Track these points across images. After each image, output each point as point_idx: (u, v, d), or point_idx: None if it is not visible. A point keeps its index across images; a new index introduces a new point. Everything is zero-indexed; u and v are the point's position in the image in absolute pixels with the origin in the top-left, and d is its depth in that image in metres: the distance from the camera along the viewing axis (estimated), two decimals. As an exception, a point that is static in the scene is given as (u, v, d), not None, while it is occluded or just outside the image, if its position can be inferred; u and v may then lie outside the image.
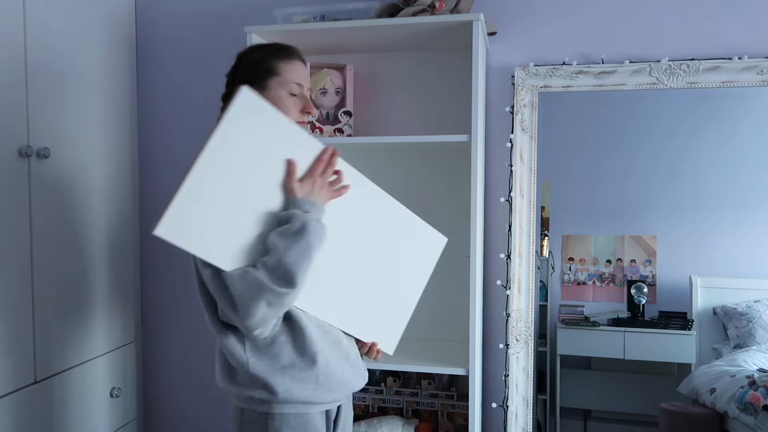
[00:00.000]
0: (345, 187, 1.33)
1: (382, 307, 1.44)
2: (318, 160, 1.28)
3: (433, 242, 1.50)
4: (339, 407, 1.41)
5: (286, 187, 1.25)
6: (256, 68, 1.36)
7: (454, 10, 1.81)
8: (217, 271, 1.21)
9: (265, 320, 1.19)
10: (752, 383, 1.80)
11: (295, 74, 1.35)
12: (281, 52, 1.37)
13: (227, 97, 1.37)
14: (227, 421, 2.37)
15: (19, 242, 1.74)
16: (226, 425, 2.32)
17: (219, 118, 1.18)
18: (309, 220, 1.20)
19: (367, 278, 1.40)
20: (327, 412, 1.37)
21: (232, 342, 1.27)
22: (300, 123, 1.34)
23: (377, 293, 1.42)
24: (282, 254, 1.17)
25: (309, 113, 1.36)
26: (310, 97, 1.41)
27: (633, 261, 2.00)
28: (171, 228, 1.13)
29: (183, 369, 2.35)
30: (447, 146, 1.88)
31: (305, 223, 1.19)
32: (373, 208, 1.39)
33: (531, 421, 1.97)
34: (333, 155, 1.31)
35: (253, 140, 1.20)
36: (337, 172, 1.32)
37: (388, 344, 1.48)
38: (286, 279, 1.17)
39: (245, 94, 1.18)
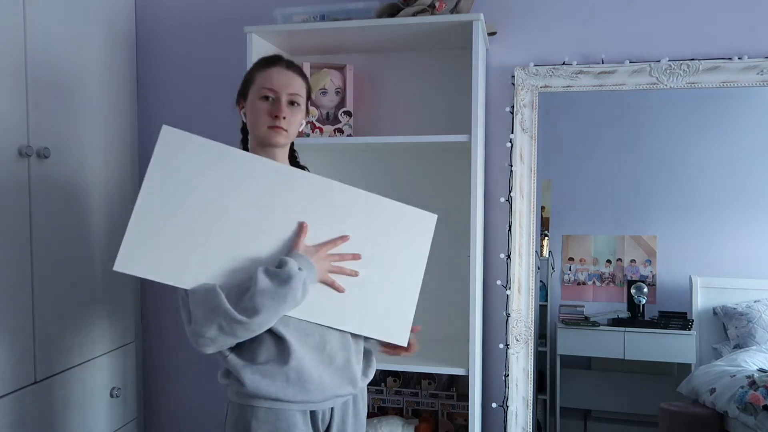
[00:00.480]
0: (337, 275, 1.38)
1: (383, 301, 1.43)
2: (330, 241, 1.37)
3: (422, 223, 1.48)
4: (333, 411, 1.41)
5: (294, 241, 1.33)
6: (242, 82, 1.47)
7: (454, 10, 1.81)
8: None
9: (214, 341, 1.26)
10: (752, 383, 1.80)
11: (266, 80, 1.40)
12: (261, 62, 1.45)
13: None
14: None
15: (19, 242, 1.74)
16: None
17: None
18: (298, 277, 1.27)
19: (363, 276, 1.40)
20: (313, 413, 1.37)
21: None
22: (274, 128, 1.38)
23: (371, 288, 1.41)
24: (257, 290, 1.24)
25: (276, 117, 1.38)
26: (294, 102, 1.42)
27: (633, 261, 2.00)
28: (127, 262, 1.25)
29: (183, 369, 2.35)
30: (447, 146, 1.88)
31: (293, 279, 1.26)
32: (346, 209, 1.39)
33: (531, 421, 1.97)
34: (343, 241, 1.38)
35: (191, 169, 1.29)
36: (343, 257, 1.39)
37: (399, 335, 1.46)
38: (248, 311, 1.23)
39: (164, 131, 1.28)
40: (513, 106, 1.98)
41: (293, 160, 1.54)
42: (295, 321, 1.34)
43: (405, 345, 1.47)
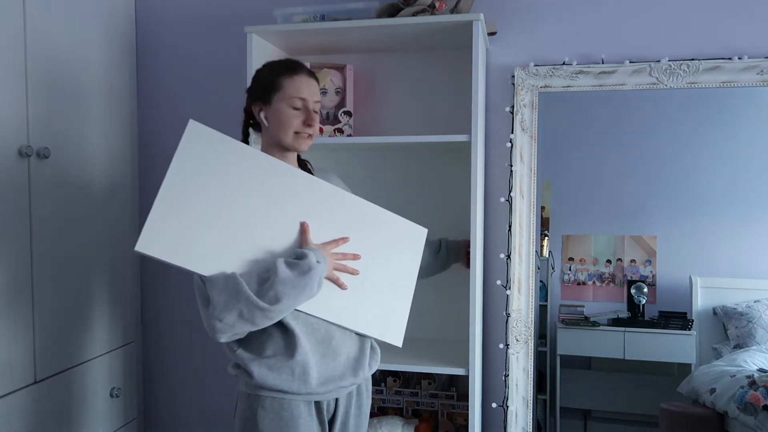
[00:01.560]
0: (340, 273, 1.43)
1: (379, 302, 1.51)
2: (333, 241, 1.43)
3: (414, 235, 1.60)
4: (337, 401, 1.47)
5: (303, 238, 1.39)
6: (263, 85, 1.47)
7: (454, 10, 1.81)
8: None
9: (231, 328, 1.29)
10: (752, 383, 1.80)
11: (295, 89, 1.43)
12: (285, 68, 1.46)
13: (244, 115, 1.52)
14: (227, 420, 2.37)
15: (19, 242, 1.74)
16: (225, 425, 2.32)
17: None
18: (317, 269, 1.32)
19: (360, 278, 1.47)
20: (318, 404, 1.42)
21: None
22: (302, 135, 1.46)
23: (368, 289, 1.49)
24: (278, 279, 1.28)
25: (309, 125, 1.44)
26: (316, 110, 1.48)
27: (633, 261, 2.00)
28: (149, 244, 1.27)
29: (183, 369, 2.35)
30: (447, 146, 1.88)
31: (312, 270, 1.31)
32: (348, 215, 1.48)
33: (531, 421, 1.97)
34: (344, 242, 1.45)
35: (213, 162, 1.35)
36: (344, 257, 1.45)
37: (395, 337, 1.54)
38: (269, 298, 1.27)
39: (190, 126, 1.35)
40: (513, 106, 1.98)
41: (298, 157, 1.59)
42: (303, 315, 1.39)
43: (400, 346, 1.53)
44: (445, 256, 1.85)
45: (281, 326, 1.38)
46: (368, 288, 1.48)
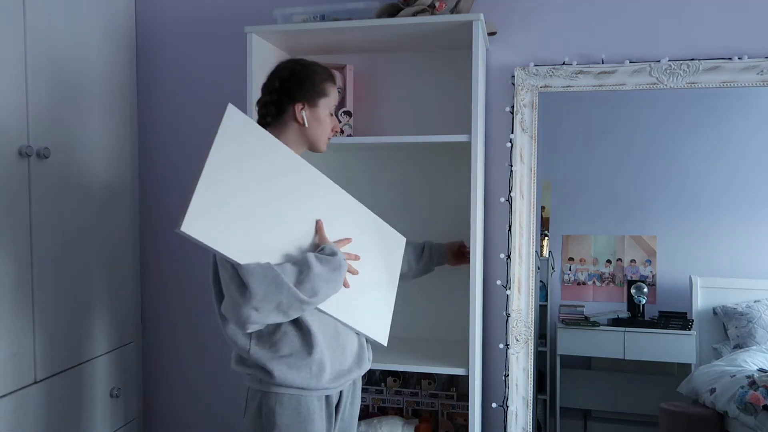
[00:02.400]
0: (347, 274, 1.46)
1: (370, 302, 1.55)
2: (340, 241, 1.47)
3: (395, 241, 1.66)
4: (341, 393, 1.52)
5: (321, 236, 1.43)
6: (310, 88, 1.49)
7: (454, 10, 1.81)
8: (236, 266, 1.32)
9: (265, 318, 1.30)
10: (752, 383, 1.80)
11: (334, 98, 1.55)
12: (329, 75, 1.53)
13: (266, 105, 1.50)
14: (227, 420, 2.38)
15: (19, 242, 1.74)
16: (226, 424, 2.32)
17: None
18: (345, 266, 1.39)
19: (357, 278, 1.50)
20: (328, 397, 1.47)
21: (234, 329, 1.39)
22: (328, 138, 1.55)
23: (365, 291, 1.53)
24: (313, 274, 1.31)
25: (336, 132, 1.58)
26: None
27: (633, 261, 2.00)
28: (193, 226, 1.22)
29: (183, 369, 2.35)
30: (447, 146, 1.88)
31: (342, 267, 1.37)
32: (350, 216, 1.53)
33: (531, 421, 1.97)
34: (348, 242, 1.49)
35: (248, 150, 1.34)
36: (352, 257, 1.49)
37: (382, 336, 1.59)
38: (307, 291, 1.30)
39: (230, 110, 1.32)
40: (513, 106, 1.98)
41: None
42: (317, 312, 1.42)
43: (385, 345, 1.60)
44: (428, 260, 1.86)
45: (297, 323, 1.40)
46: (362, 288, 1.52)
